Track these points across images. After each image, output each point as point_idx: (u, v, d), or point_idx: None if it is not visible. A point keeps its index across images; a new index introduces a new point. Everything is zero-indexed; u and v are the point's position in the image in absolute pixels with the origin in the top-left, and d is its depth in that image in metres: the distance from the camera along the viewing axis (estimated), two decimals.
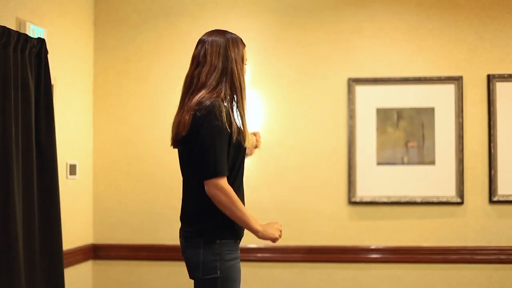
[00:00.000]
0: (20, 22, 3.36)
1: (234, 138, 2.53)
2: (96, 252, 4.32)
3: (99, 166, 4.35)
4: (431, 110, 4.17)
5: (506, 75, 4.13)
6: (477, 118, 4.16)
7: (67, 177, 3.94)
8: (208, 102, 2.50)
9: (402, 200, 4.15)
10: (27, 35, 3.21)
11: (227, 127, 2.49)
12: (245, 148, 2.64)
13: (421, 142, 4.17)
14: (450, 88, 4.16)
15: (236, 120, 2.57)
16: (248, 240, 4.45)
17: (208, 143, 2.47)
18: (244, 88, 2.62)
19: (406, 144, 4.17)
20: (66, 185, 3.86)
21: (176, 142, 2.63)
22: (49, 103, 3.37)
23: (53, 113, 3.38)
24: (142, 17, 4.35)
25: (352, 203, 4.19)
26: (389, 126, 4.19)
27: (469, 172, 4.14)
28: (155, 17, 4.36)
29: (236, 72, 2.60)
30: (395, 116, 4.18)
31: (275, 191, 4.25)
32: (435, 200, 4.14)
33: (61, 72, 3.85)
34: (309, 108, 4.26)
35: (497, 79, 4.13)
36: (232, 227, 2.56)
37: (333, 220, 4.21)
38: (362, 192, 4.18)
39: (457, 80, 4.14)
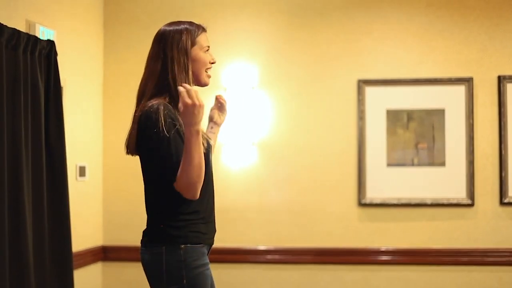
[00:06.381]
0: (30, 24, 3.36)
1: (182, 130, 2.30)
2: (105, 253, 4.33)
3: (109, 167, 4.35)
4: (441, 112, 4.15)
5: None
6: (487, 120, 4.13)
7: (76, 178, 3.95)
8: (150, 108, 2.33)
9: (412, 201, 4.13)
10: (36, 37, 3.22)
11: (173, 125, 2.29)
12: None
13: (431, 143, 4.14)
14: (461, 89, 4.14)
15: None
16: (258, 242, 4.43)
17: (165, 151, 2.29)
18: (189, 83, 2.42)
19: (416, 146, 4.15)
20: (75, 187, 3.87)
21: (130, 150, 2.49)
22: (58, 104, 3.38)
23: (62, 115, 3.39)
24: (151, 18, 4.35)
25: (362, 204, 4.17)
26: (399, 128, 4.17)
27: (479, 174, 4.12)
28: (164, 18, 4.31)
29: (176, 76, 2.43)
30: (405, 118, 4.17)
31: (285, 193, 4.24)
32: (445, 201, 4.12)
33: (71, 74, 3.85)
34: (319, 109, 4.25)
35: (508, 80, 4.10)
36: (196, 231, 2.37)
37: (343, 222, 4.20)
38: (372, 193, 4.17)
39: (467, 81, 4.12)
